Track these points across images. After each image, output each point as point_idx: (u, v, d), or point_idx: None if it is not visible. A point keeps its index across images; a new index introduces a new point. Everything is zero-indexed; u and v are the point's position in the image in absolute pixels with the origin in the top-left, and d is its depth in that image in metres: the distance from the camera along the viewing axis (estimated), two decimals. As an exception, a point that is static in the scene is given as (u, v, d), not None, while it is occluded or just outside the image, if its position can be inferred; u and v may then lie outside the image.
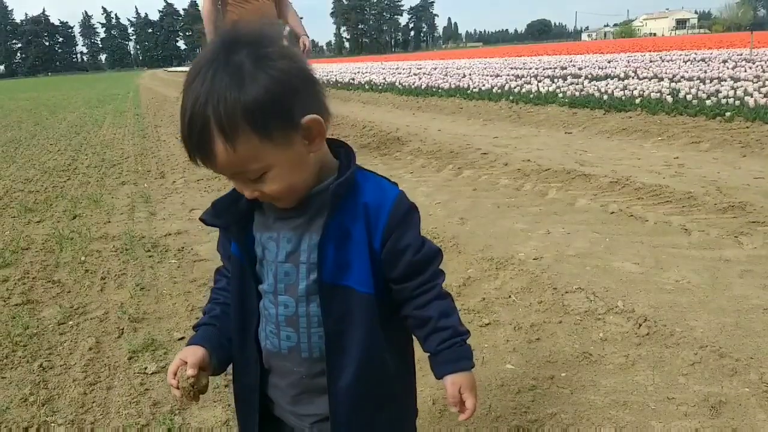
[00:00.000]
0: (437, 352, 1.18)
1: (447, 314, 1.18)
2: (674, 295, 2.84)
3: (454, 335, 1.18)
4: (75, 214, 5.09)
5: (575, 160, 5.90)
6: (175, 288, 3.35)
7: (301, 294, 1.15)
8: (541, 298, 2.88)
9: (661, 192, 4.48)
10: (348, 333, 1.15)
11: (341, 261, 1.13)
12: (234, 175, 1.06)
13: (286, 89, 1.01)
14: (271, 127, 1.01)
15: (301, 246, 1.14)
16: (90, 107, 18.88)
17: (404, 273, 1.16)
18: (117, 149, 9.02)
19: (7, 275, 3.65)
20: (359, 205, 1.13)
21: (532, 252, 3.50)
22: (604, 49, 29.70)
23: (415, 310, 1.18)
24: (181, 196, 5.62)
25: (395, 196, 1.15)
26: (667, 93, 8.79)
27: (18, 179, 6.93)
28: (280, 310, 1.17)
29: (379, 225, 1.13)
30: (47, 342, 2.75)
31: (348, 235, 1.13)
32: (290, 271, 1.15)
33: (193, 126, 0.99)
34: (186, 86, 1.02)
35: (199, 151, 1.02)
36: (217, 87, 0.98)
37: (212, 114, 0.97)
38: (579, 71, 14.12)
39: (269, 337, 1.21)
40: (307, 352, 1.18)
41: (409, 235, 1.16)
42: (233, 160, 1.01)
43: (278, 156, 1.04)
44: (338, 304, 1.14)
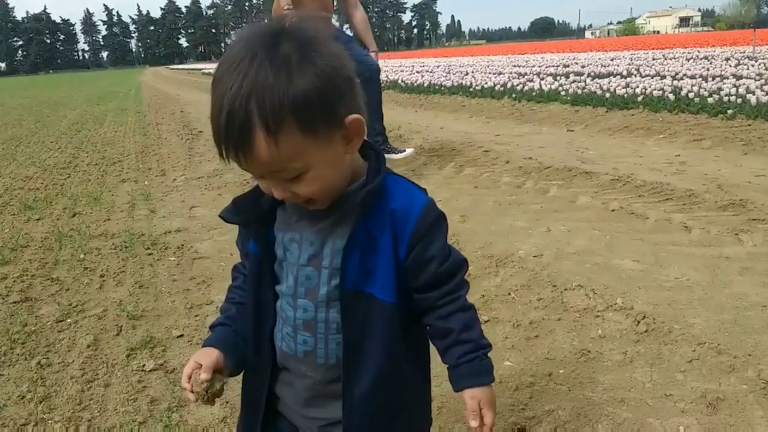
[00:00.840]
0: (457, 365, 1.15)
1: (469, 327, 1.16)
2: (673, 293, 2.83)
3: (476, 349, 1.16)
4: (75, 212, 5.09)
5: (577, 157, 5.89)
6: (174, 286, 3.34)
7: (321, 299, 1.13)
8: (540, 296, 2.88)
9: (662, 189, 4.47)
10: (367, 342, 1.12)
11: (365, 268, 1.10)
12: (269, 174, 1.02)
13: (332, 86, 0.98)
14: (316, 123, 0.97)
15: (324, 250, 1.11)
16: (91, 105, 18.88)
17: (428, 283, 1.13)
18: (118, 147, 9.02)
19: (5, 273, 3.64)
20: (387, 211, 1.10)
21: (533, 249, 3.50)
22: (608, 46, 29.56)
23: (437, 321, 1.16)
24: (182, 194, 5.61)
25: (424, 203, 1.12)
26: (670, 91, 8.76)
27: (18, 177, 6.93)
28: (299, 314, 1.15)
29: (405, 233, 1.10)
30: (45, 339, 2.75)
31: (374, 242, 1.10)
32: (311, 275, 1.13)
33: (233, 119, 0.93)
34: (220, 78, 0.96)
35: (237, 148, 0.95)
36: (263, 78, 0.93)
37: (256, 107, 0.92)
38: (582, 69, 14.05)
39: (285, 339, 1.18)
40: (323, 359, 1.15)
41: (436, 245, 1.13)
42: (274, 157, 0.96)
43: (319, 155, 1.00)
44: (359, 312, 1.11)
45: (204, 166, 6.91)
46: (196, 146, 8.53)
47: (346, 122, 1.01)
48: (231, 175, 6.11)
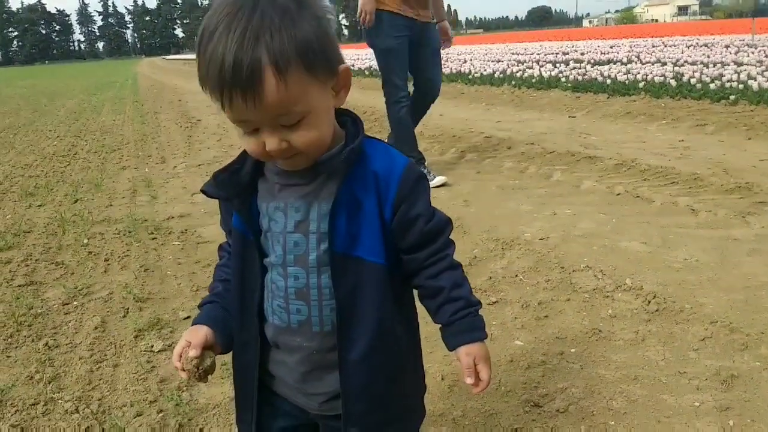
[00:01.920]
0: (450, 322, 1.15)
1: (459, 284, 1.16)
2: (683, 274, 2.82)
3: (467, 305, 1.16)
4: (76, 198, 5.07)
5: (579, 143, 5.87)
6: (179, 269, 3.33)
7: (312, 265, 1.11)
8: (548, 277, 2.87)
9: (667, 173, 4.46)
10: (360, 305, 1.11)
11: (352, 231, 1.10)
12: (271, 120, 1.00)
13: (328, 34, 1.02)
14: (317, 65, 1.00)
15: (311, 215, 1.11)
16: (88, 94, 18.80)
17: (415, 242, 1.14)
18: (117, 135, 8.98)
19: (9, 257, 3.63)
20: (369, 173, 1.10)
21: (539, 232, 3.48)
22: (606, 35, 29.36)
23: (427, 280, 1.16)
24: (182, 180, 5.59)
25: (405, 163, 1.13)
26: (671, 77, 8.74)
27: (18, 165, 6.90)
28: (290, 283, 1.13)
29: (389, 193, 1.11)
30: (52, 322, 2.74)
31: (359, 203, 1.10)
32: (300, 241, 1.11)
33: (240, 62, 0.93)
34: (215, 27, 0.96)
35: (246, 90, 0.94)
36: (268, 23, 0.94)
37: (265, 49, 0.93)
38: (581, 56, 14.02)
39: (276, 312, 1.16)
40: (318, 326, 1.14)
41: (421, 204, 1.13)
42: (283, 98, 0.96)
43: (318, 99, 1.02)
44: (350, 275, 1.10)
45: (204, 153, 6.89)
46: (195, 134, 8.49)
47: (339, 69, 1.05)
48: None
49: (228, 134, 8.15)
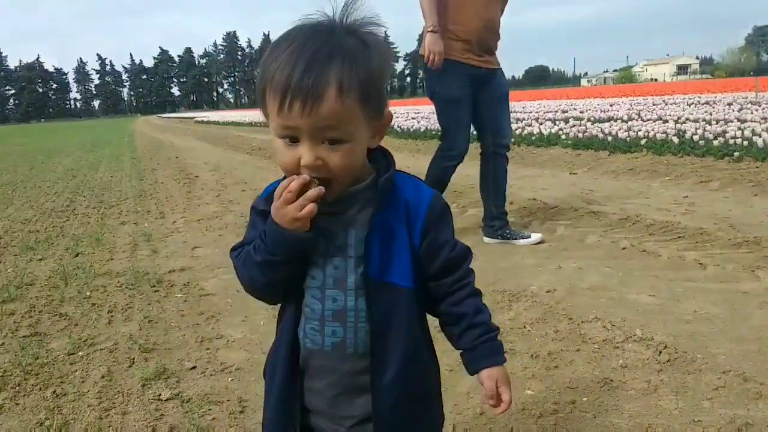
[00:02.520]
0: (473, 347, 1.22)
1: (481, 310, 1.23)
2: (693, 325, 2.83)
3: (489, 330, 1.23)
4: (77, 252, 5.06)
5: (582, 198, 5.92)
6: (183, 321, 3.32)
7: (350, 287, 1.17)
8: (557, 328, 2.87)
9: (673, 228, 4.50)
10: (392, 328, 1.17)
11: (385, 256, 1.17)
12: (318, 131, 1.06)
13: (386, 77, 1.13)
14: (371, 102, 1.09)
15: (348, 240, 1.16)
16: (85, 151, 18.93)
17: (441, 269, 1.20)
18: (115, 191, 9.01)
19: (13, 309, 3.61)
20: (400, 202, 1.18)
21: (545, 285, 3.50)
22: (605, 93, 29.61)
23: (451, 306, 1.22)
24: (183, 235, 5.60)
25: (432, 194, 1.22)
26: (673, 134, 8.80)
27: (17, 220, 6.90)
28: (327, 305, 1.18)
29: (418, 222, 1.18)
30: (58, 371, 2.71)
31: (391, 231, 1.17)
32: (339, 264, 1.17)
33: (311, 70, 1.03)
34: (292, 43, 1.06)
35: (308, 95, 1.03)
36: (341, 50, 1.06)
37: (335, 68, 1.04)
38: (581, 114, 14.16)
39: (309, 335, 1.20)
40: (352, 347, 1.18)
41: (446, 232, 1.22)
42: (337, 111, 1.04)
43: (361, 133, 1.10)
44: (384, 299, 1.17)
45: (203, 208, 6.92)
46: (194, 190, 8.54)
47: (385, 113, 1.15)
48: (231, 216, 6.12)
49: (226, 190, 8.20)
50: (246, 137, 20.22)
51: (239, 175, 9.86)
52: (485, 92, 4.49)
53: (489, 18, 4.41)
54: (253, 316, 3.29)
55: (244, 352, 2.86)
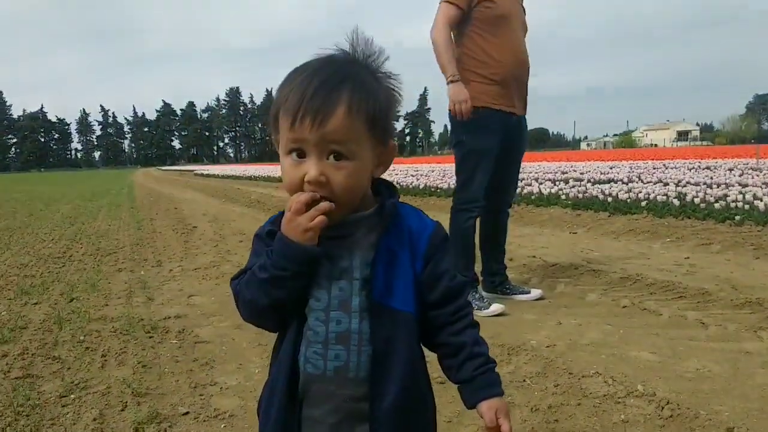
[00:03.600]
0: (472, 378, 1.22)
1: (479, 342, 1.25)
2: (695, 383, 2.82)
3: (488, 362, 1.24)
4: (72, 297, 5.04)
5: (582, 257, 5.93)
6: (177, 366, 3.30)
7: (354, 309, 1.18)
8: (557, 382, 2.86)
9: (674, 288, 4.51)
10: (393, 353, 1.19)
11: (389, 281, 1.20)
12: (325, 146, 1.11)
13: (394, 109, 1.20)
14: (377, 130, 1.15)
15: (353, 263, 1.19)
16: (84, 200, 18.98)
17: (441, 297, 1.23)
18: (112, 239, 9.01)
19: (6, 351, 3.59)
20: (404, 228, 1.22)
21: (545, 340, 3.49)
22: (606, 157, 29.62)
23: (451, 337, 1.24)
24: (179, 283, 5.59)
25: (434, 223, 1.26)
26: (674, 196, 8.85)
27: (13, 265, 6.89)
28: (332, 327, 1.19)
29: (420, 248, 1.22)
30: (50, 413, 2.69)
31: (395, 256, 1.20)
32: (344, 286, 1.19)
33: (324, 88, 1.10)
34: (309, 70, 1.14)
35: (318, 109, 1.09)
36: (353, 78, 1.13)
37: (346, 91, 1.11)
38: (581, 175, 14.23)
39: (311, 360, 1.20)
40: (354, 372, 1.19)
41: (447, 261, 1.25)
42: (345, 126, 1.10)
43: (366, 153, 1.15)
44: (386, 324, 1.19)
45: (200, 258, 6.91)
46: (191, 240, 8.54)
47: (389, 143, 1.21)
48: (228, 266, 6.12)
49: (224, 240, 8.20)
50: (245, 190, 20.34)
51: (237, 226, 9.87)
52: (508, 145, 4.18)
53: (523, 51, 4.17)
54: (248, 364, 3.27)
55: (238, 399, 2.83)
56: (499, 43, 4.03)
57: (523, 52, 4.17)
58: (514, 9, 4.12)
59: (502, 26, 4.03)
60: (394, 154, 1.23)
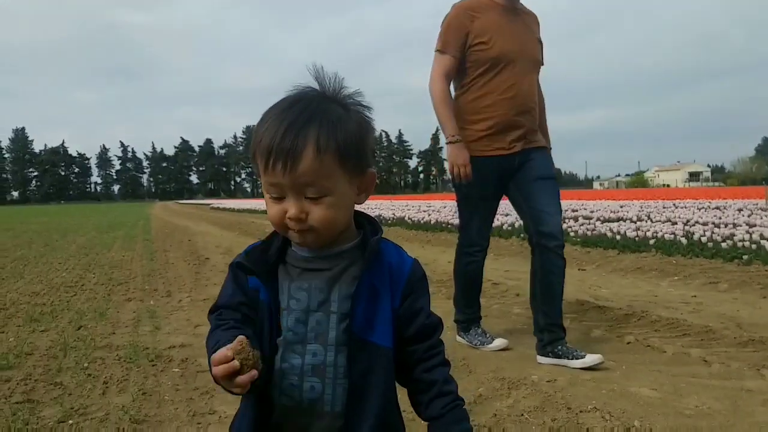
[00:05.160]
0: (441, 415, 1.22)
1: (448, 381, 1.26)
2: (694, 419, 2.77)
3: (456, 399, 1.25)
4: (80, 325, 5.07)
5: (589, 294, 5.89)
6: (177, 395, 3.29)
7: (330, 342, 1.19)
8: (554, 417, 2.82)
9: (679, 325, 4.46)
10: (369, 388, 1.19)
11: (368, 316, 1.20)
12: (299, 187, 1.15)
13: (366, 140, 1.22)
14: (350, 162, 1.18)
15: (332, 296, 1.21)
16: (100, 232, 19.14)
17: (416, 334, 1.25)
18: (125, 270, 9.07)
19: (9, 376, 3.60)
20: (384, 264, 1.24)
21: (546, 375, 3.45)
22: (617, 196, 29.55)
23: (423, 373, 1.25)
24: (187, 313, 5.61)
25: (413, 261, 1.29)
26: (682, 235, 8.85)
27: (25, 293, 6.94)
28: (308, 359, 1.19)
29: (400, 284, 1.24)
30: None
31: (375, 291, 1.22)
32: (321, 320, 1.20)
33: (289, 135, 1.12)
34: (277, 112, 1.17)
35: (288, 154, 1.12)
36: (319, 116, 1.15)
37: (312, 132, 1.13)
38: (591, 213, 14.25)
39: (286, 392, 1.20)
40: (329, 405, 1.19)
41: (424, 298, 1.28)
42: (315, 170, 1.13)
43: (341, 186, 1.18)
44: (364, 357, 1.19)
45: (210, 289, 6.93)
46: (202, 271, 8.58)
47: (366, 171, 1.23)
48: (238, 297, 6.12)
49: (235, 272, 8.21)
50: (259, 224, 20.43)
51: (249, 258, 9.89)
52: (518, 176, 3.85)
53: (519, 94, 3.74)
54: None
55: (236, 428, 2.81)
56: (494, 88, 3.73)
57: (527, 95, 3.78)
58: (516, 47, 3.73)
59: (500, 68, 3.72)
60: (374, 181, 1.25)
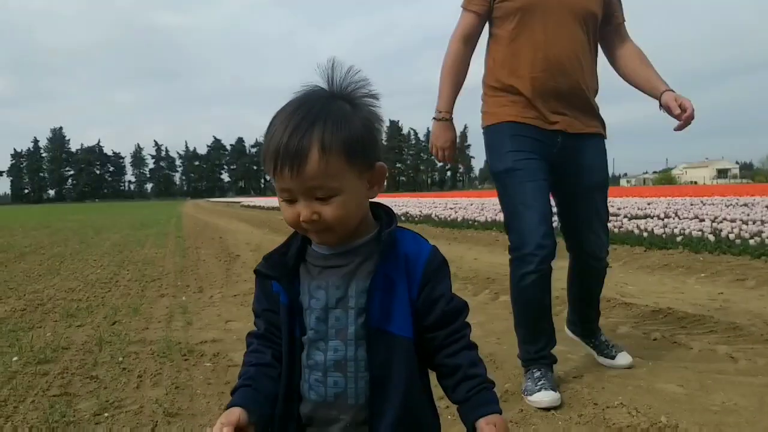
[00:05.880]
0: (467, 398, 1.22)
1: (475, 363, 1.25)
2: (721, 416, 2.76)
3: (484, 382, 1.24)
4: (114, 321, 5.19)
5: (615, 291, 5.84)
6: (209, 389, 3.36)
7: (350, 338, 1.22)
8: (581, 412, 2.83)
9: (706, 322, 4.42)
10: (390, 378, 1.21)
11: (385, 307, 1.22)
12: (307, 191, 1.16)
13: (372, 135, 1.22)
14: (357, 159, 1.18)
15: (349, 292, 1.23)
16: (133, 229, 19.46)
17: (437, 321, 1.24)
18: (158, 266, 9.23)
19: (47, 370, 3.71)
20: (400, 255, 1.24)
21: (572, 371, 3.46)
22: (644, 193, 29.21)
23: (446, 359, 1.25)
24: (218, 309, 5.70)
25: (430, 249, 1.28)
26: (709, 232, 8.74)
27: (61, 289, 7.11)
28: (329, 355, 1.23)
29: (416, 274, 1.24)
30: (83, 429, 2.76)
31: (391, 282, 1.23)
32: (340, 316, 1.23)
33: (293, 140, 1.14)
34: (282, 116, 1.18)
35: (294, 159, 1.13)
36: (324, 117, 1.16)
37: (316, 134, 1.14)
38: (618, 210, 14.13)
39: (314, 387, 1.25)
40: (353, 398, 1.22)
41: (443, 285, 1.27)
42: (321, 171, 1.14)
43: (351, 184, 1.18)
44: (383, 349, 1.21)
45: (241, 285, 7.03)
46: (233, 268, 8.69)
47: (375, 165, 1.23)
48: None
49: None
50: (289, 221, 20.53)
51: (279, 255, 9.98)
52: (565, 176, 3.16)
53: (551, 53, 2.98)
54: (278, 388, 3.31)
55: (266, 421, 2.87)
56: (521, 45, 3.02)
57: (563, 54, 2.99)
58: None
59: (528, 20, 3.00)
60: (385, 174, 1.26)
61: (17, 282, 7.81)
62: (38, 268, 9.36)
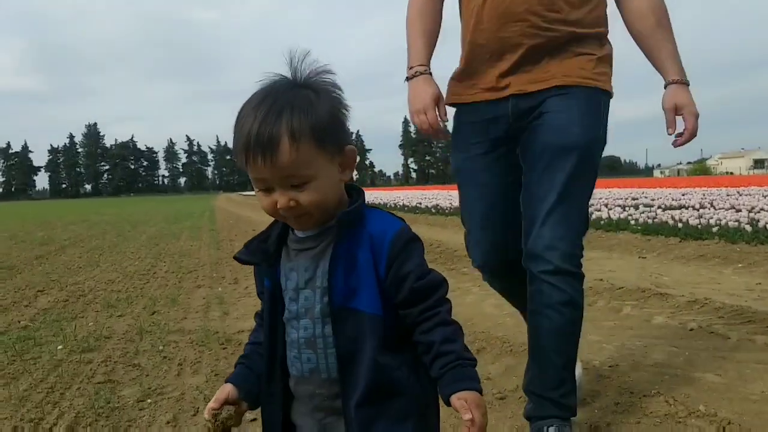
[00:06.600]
0: (441, 375, 1.22)
1: (450, 340, 1.23)
2: (760, 405, 2.73)
3: (458, 359, 1.22)
4: (154, 311, 5.31)
5: (650, 282, 5.80)
6: (247, 377, 3.42)
7: (317, 316, 1.28)
8: (617, 401, 2.82)
9: (743, 312, 4.36)
10: (358, 353, 1.25)
11: (350, 285, 1.25)
12: (281, 180, 1.20)
13: (339, 119, 1.27)
14: (326, 143, 1.22)
15: (317, 272, 1.28)
16: (168, 223, 19.78)
17: (408, 298, 1.25)
18: (193, 258, 9.38)
19: (90, 358, 3.82)
20: (365, 234, 1.27)
21: (608, 360, 3.45)
22: (679, 184, 28.64)
23: (421, 335, 1.26)
24: (253, 299, 5.77)
25: (397, 227, 1.28)
26: (746, 222, 8.59)
27: (101, 280, 7.28)
28: (301, 333, 1.30)
29: (382, 253, 1.25)
30: (128, 415, 2.85)
31: (355, 260, 1.25)
32: (309, 295, 1.29)
33: (265, 127, 1.17)
34: (249, 108, 1.21)
35: (265, 150, 1.17)
36: (290, 105, 1.19)
37: (285, 123, 1.17)
38: (652, 201, 13.90)
39: (293, 363, 1.32)
40: (326, 373, 1.28)
41: (411, 262, 1.26)
42: (293, 161, 1.18)
43: (324, 169, 1.23)
44: (348, 326, 1.26)
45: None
46: (267, 260, 8.77)
47: (345, 149, 1.27)
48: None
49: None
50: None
51: (311, 247, 10.07)
52: (523, 143, 2.31)
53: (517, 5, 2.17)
54: (315, 376, 3.36)
55: (304, 407, 2.92)
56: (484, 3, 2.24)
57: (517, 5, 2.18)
58: None
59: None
60: (355, 157, 1.29)
61: (59, 274, 8.01)
62: (78, 260, 9.58)
